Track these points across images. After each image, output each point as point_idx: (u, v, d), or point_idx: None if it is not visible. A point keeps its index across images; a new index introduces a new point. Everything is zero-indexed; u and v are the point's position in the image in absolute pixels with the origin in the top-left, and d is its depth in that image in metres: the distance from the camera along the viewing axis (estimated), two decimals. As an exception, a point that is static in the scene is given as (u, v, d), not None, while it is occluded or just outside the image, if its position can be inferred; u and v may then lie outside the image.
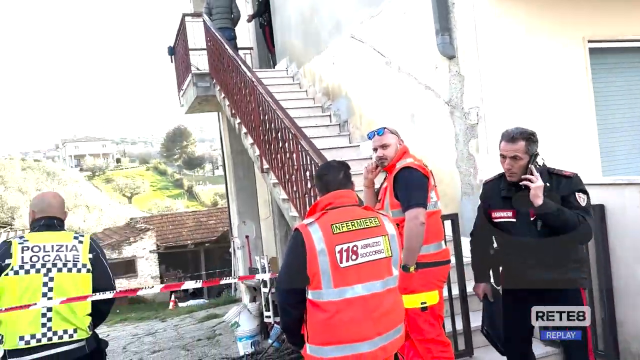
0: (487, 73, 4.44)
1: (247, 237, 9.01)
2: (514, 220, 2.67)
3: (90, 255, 2.80)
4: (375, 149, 3.12)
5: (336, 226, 2.19)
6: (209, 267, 18.51)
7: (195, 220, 22.16)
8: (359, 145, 6.40)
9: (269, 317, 6.28)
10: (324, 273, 2.14)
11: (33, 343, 2.57)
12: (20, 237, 2.74)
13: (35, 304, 2.58)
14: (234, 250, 14.39)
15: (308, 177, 4.58)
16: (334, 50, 7.00)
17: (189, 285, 3.44)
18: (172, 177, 73.41)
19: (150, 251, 20.53)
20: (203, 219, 22.41)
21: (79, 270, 2.73)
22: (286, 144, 5.12)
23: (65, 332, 2.64)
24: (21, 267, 2.62)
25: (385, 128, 3.13)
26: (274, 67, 9.36)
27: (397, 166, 3.00)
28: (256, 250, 9.09)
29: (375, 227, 2.27)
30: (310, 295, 2.19)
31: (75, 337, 2.67)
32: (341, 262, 2.15)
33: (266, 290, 6.23)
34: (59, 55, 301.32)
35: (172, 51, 9.02)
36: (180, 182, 69.94)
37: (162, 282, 19.55)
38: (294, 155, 4.90)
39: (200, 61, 8.28)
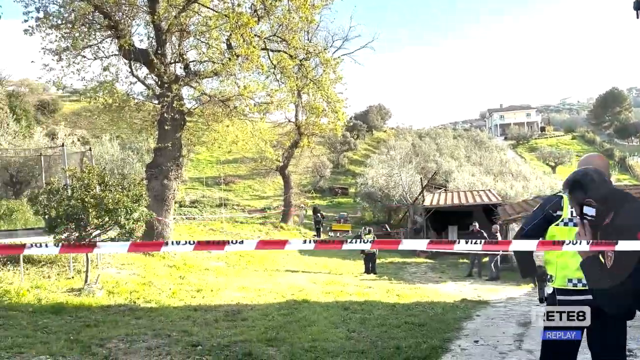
0: None
1: None
2: None
3: None
4: None
5: None
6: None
7: (638, 196, 19.53)
8: None
9: None
10: None
11: (579, 286, 2.99)
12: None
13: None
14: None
15: None
16: None
17: None
18: (601, 147, 66.86)
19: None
20: (647, 194, 19.52)
21: None
22: None
23: None
24: (570, 220, 3.05)
25: None
26: None
27: None
28: None
29: None
30: None
31: None
32: None
33: None
34: (475, 34, 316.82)
35: (638, 5, 8.07)
36: (610, 152, 62.93)
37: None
38: None
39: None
